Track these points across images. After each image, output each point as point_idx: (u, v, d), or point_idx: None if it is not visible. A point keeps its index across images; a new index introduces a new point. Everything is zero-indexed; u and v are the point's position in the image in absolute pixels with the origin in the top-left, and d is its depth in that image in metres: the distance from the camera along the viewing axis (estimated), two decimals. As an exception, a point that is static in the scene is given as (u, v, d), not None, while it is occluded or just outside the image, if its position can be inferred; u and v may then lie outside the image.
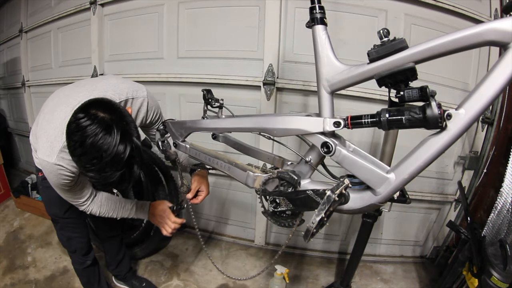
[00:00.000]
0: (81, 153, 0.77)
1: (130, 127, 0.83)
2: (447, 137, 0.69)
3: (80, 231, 1.31)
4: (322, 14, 0.87)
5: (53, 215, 1.28)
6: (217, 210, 2.10)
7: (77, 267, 1.40)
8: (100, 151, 0.75)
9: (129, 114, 0.86)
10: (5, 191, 2.57)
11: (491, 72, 0.64)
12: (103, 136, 0.76)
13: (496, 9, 1.59)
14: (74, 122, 0.77)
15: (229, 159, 1.12)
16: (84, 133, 0.75)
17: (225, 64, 1.74)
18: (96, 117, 0.77)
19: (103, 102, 0.83)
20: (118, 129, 0.78)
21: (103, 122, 0.77)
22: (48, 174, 0.98)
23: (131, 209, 1.22)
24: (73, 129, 0.77)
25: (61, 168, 0.93)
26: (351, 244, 1.80)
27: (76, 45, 2.20)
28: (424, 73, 1.47)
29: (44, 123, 0.97)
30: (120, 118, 0.81)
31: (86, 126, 0.76)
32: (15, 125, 3.04)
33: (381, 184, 0.79)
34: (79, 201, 1.10)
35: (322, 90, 0.87)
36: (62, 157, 0.92)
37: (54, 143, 0.92)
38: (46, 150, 0.93)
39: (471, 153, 1.74)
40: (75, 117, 0.78)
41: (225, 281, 1.73)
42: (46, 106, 1.02)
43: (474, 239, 1.25)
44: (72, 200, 1.09)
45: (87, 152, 0.76)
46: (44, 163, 0.94)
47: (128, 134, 0.80)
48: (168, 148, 1.30)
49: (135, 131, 0.84)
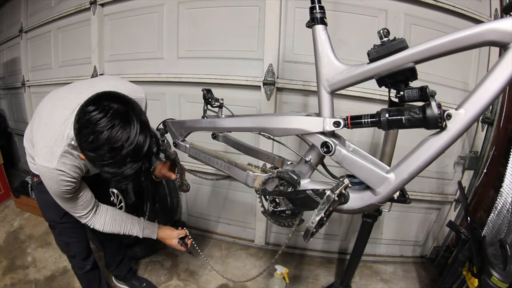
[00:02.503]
0: (96, 147, 0.73)
1: (146, 117, 0.81)
2: (447, 137, 0.69)
3: (78, 235, 1.27)
4: (322, 14, 0.87)
5: (50, 221, 1.24)
6: (217, 210, 2.10)
7: (77, 271, 1.38)
8: (119, 142, 0.73)
9: (139, 104, 0.84)
10: (5, 191, 2.57)
11: (491, 72, 0.64)
12: (123, 126, 0.73)
13: (496, 9, 1.59)
14: (85, 117, 0.74)
15: (229, 159, 1.12)
16: (98, 125, 0.72)
17: (225, 64, 1.74)
18: (110, 108, 0.74)
19: (114, 94, 0.80)
20: (136, 119, 0.76)
21: (119, 113, 0.74)
22: (48, 182, 0.93)
23: (138, 230, 1.17)
24: (84, 123, 0.74)
25: (62, 173, 0.90)
26: (351, 244, 1.80)
27: (76, 45, 2.20)
28: (424, 73, 1.47)
29: (42, 128, 0.92)
30: (134, 108, 0.79)
31: (100, 119, 0.72)
32: (15, 125, 3.04)
33: (381, 184, 0.79)
34: (81, 213, 1.05)
35: (322, 90, 0.87)
36: (63, 162, 0.89)
37: (54, 148, 0.88)
38: (45, 155, 0.88)
39: (471, 153, 1.74)
40: (85, 111, 0.74)
41: (225, 281, 1.73)
42: (42, 109, 0.98)
43: (474, 239, 1.25)
44: (73, 211, 1.05)
45: (104, 144, 0.73)
46: (43, 170, 0.90)
47: (146, 124, 0.79)
48: (168, 148, 1.30)
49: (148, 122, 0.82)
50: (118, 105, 0.76)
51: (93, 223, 1.09)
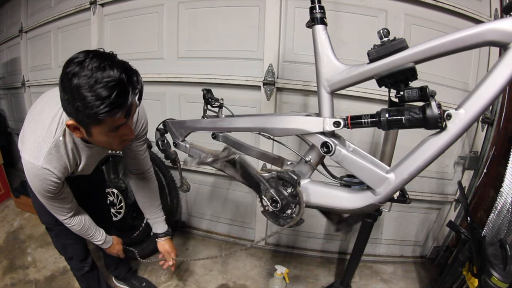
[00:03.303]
0: (68, 62, 0.71)
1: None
2: (447, 137, 0.69)
3: (75, 237, 1.23)
4: (322, 14, 0.87)
5: (46, 223, 1.24)
6: (217, 210, 2.10)
7: (76, 274, 1.38)
8: (98, 53, 0.72)
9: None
10: (5, 191, 2.57)
11: (491, 72, 0.64)
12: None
13: (496, 9, 1.59)
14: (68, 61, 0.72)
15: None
16: (81, 62, 0.70)
17: (225, 64, 1.74)
18: (97, 53, 0.72)
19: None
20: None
21: (103, 56, 0.72)
22: (32, 179, 0.91)
23: (101, 238, 1.23)
24: (66, 64, 0.72)
25: (48, 172, 0.89)
26: (351, 244, 1.80)
27: (76, 45, 2.20)
28: (424, 73, 1.47)
29: (32, 124, 0.92)
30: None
31: (84, 59, 0.70)
32: (15, 125, 3.04)
33: (381, 184, 0.79)
34: (61, 213, 1.06)
35: (322, 90, 0.87)
36: (50, 160, 0.88)
37: (42, 145, 0.87)
38: (33, 151, 0.87)
39: (471, 153, 1.74)
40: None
41: (225, 281, 1.73)
42: (34, 108, 0.97)
43: (474, 239, 1.25)
44: (55, 209, 1.05)
45: (76, 58, 0.71)
46: (29, 166, 0.88)
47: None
48: (168, 148, 1.31)
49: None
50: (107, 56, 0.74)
51: (72, 222, 1.11)
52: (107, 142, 0.85)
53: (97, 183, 1.44)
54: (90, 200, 1.29)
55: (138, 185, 1.28)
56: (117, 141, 0.86)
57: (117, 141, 0.86)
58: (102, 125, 0.76)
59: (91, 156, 1.02)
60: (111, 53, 0.76)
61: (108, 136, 0.81)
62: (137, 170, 1.24)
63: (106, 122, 0.75)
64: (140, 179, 1.27)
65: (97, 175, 1.43)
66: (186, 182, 1.35)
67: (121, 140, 0.87)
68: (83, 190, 1.23)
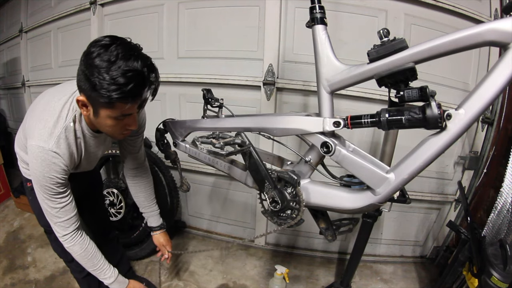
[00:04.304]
0: (89, 50, 0.77)
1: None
2: (447, 137, 0.69)
3: None
4: (322, 14, 0.87)
5: (45, 226, 1.20)
6: (217, 210, 2.10)
7: (77, 276, 1.36)
8: (126, 41, 0.79)
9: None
10: (5, 191, 2.57)
11: (491, 72, 0.64)
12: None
13: (496, 9, 1.59)
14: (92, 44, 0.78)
15: (229, 158, 1.12)
16: (107, 46, 0.76)
17: (225, 64, 1.74)
18: (124, 41, 0.79)
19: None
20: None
21: (130, 45, 0.78)
22: (38, 166, 0.87)
23: (111, 275, 1.13)
24: (91, 44, 0.77)
25: (57, 156, 0.87)
26: (351, 244, 1.80)
27: (76, 45, 2.20)
28: (424, 73, 1.47)
29: (38, 114, 0.91)
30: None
31: (110, 43, 0.76)
32: (15, 125, 3.04)
33: (381, 184, 0.79)
34: (61, 225, 0.98)
35: (322, 90, 0.87)
36: (59, 145, 0.87)
37: (52, 129, 0.87)
38: (42, 135, 0.86)
39: (471, 153, 1.74)
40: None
41: (225, 281, 1.73)
42: (37, 103, 0.98)
43: (474, 239, 1.25)
44: (55, 218, 0.97)
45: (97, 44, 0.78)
46: (37, 150, 0.86)
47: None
48: (168, 148, 1.31)
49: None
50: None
51: (74, 242, 1.02)
52: (111, 127, 0.86)
53: (95, 185, 1.45)
54: (88, 202, 1.30)
55: (133, 178, 1.29)
56: (120, 129, 0.88)
57: (119, 129, 0.88)
58: (112, 110, 0.79)
59: (95, 146, 1.03)
60: (137, 45, 0.81)
61: (113, 122, 0.83)
62: (132, 164, 1.26)
63: (116, 108, 0.78)
64: (135, 173, 1.28)
65: (95, 176, 1.45)
66: (186, 182, 1.35)
67: (124, 129, 0.89)
68: (82, 191, 1.22)
